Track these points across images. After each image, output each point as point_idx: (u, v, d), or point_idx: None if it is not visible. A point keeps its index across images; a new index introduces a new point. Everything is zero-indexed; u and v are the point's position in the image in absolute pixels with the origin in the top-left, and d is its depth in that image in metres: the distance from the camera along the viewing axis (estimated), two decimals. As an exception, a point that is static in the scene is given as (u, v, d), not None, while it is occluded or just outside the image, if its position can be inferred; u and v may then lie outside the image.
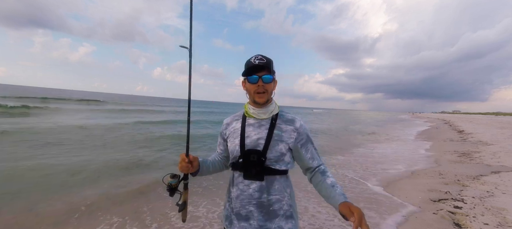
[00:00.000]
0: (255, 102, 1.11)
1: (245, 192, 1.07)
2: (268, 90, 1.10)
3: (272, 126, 1.10)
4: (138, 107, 31.56)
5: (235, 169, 1.13)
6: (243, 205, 1.07)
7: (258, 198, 1.05)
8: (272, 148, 1.06)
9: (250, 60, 1.09)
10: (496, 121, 28.14)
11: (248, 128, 1.12)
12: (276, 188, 1.07)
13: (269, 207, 1.05)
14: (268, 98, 1.11)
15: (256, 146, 1.06)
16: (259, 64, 1.06)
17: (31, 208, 3.10)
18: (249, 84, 1.10)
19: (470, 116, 58.75)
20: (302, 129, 1.13)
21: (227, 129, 1.20)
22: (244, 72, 1.11)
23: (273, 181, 1.07)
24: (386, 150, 8.63)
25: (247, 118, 1.16)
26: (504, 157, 6.59)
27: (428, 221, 2.89)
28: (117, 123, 12.26)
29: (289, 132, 1.10)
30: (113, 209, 3.15)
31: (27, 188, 3.72)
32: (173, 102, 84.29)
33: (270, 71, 1.08)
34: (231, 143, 1.14)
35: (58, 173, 4.37)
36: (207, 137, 10.17)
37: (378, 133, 14.92)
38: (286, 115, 1.16)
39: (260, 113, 1.12)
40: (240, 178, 1.10)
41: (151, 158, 5.90)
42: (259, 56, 1.09)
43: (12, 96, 28.17)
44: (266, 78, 1.07)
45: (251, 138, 1.09)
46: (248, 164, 1.06)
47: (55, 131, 8.67)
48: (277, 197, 1.06)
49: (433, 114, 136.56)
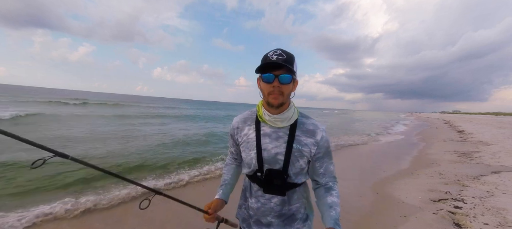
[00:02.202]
0: (269, 105, 0.97)
1: (266, 205, 1.04)
2: (285, 93, 0.93)
3: (291, 139, 0.97)
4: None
5: (253, 181, 1.07)
6: (264, 215, 1.05)
7: (279, 211, 1.03)
8: (292, 164, 0.97)
9: (268, 55, 0.92)
10: (496, 121, 28.14)
11: (264, 139, 1.00)
12: (295, 198, 1.05)
13: (289, 215, 1.05)
14: (284, 101, 0.95)
15: (275, 163, 0.98)
16: (277, 61, 0.88)
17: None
18: (264, 84, 0.94)
19: (470, 116, 58.77)
20: (322, 141, 1.00)
21: (239, 134, 1.08)
22: (258, 68, 0.93)
23: (293, 193, 1.04)
24: (385, 149, 8.62)
25: (262, 125, 1.02)
26: (504, 157, 6.58)
27: (428, 221, 2.89)
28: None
29: (309, 145, 0.99)
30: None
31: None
32: (174, 102, 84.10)
33: (289, 70, 0.91)
34: (246, 155, 1.05)
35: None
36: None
37: (377, 132, 14.93)
38: (306, 124, 1.02)
39: (277, 120, 0.98)
40: (260, 192, 1.05)
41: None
42: (278, 50, 0.92)
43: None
44: (284, 78, 0.91)
45: (268, 152, 0.98)
46: (269, 183, 1.00)
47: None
48: (296, 205, 1.05)
49: (433, 114, 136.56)
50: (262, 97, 1.01)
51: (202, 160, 5.92)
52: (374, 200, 3.62)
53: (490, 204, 3.25)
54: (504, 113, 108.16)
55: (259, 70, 0.94)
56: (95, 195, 3.51)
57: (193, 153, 6.82)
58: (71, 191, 3.68)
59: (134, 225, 2.82)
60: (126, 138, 8.38)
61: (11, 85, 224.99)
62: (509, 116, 64.44)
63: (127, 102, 35.81)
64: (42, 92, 70.29)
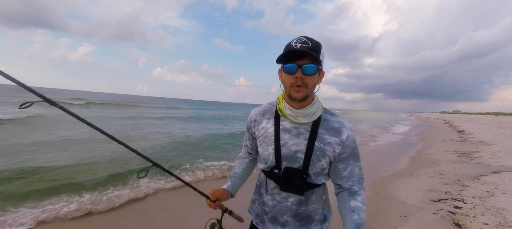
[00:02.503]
0: (291, 98, 0.87)
1: (282, 204, 0.98)
2: (309, 85, 0.84)
3: (313, 136, 0.89)
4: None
5: (269, 177, 1.01)
6: (281, 214, 0.99)
7: (296, 210, 0.97)
8: (313, 164, 0.89)
9: (291, 43, 0.83)
10: (496, 121, 28.14)
11: (284, 135, 0.92)
12: (313, 199, 0.98)
13: (306, 215, 0.99)
14: (308, 94, 0.86)
15: (294, 160, 0.90)
16: (301, 49, 0.79)
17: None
18: (285, 75, 0.85)
19: (470, 116, 58.77)
20: (348, 141, 0.91)
21: (257, 127, 1.01)
22: (279, 58, 0.84)
23: (312, 193, 0.97)
24: (385, 149, 8.62)
25: (282, 119, 0.94)
26: (504, 157, 6.58)
27: (428, 221, 2.89)
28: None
29: (333, 145, 0.90)
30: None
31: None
32: (175, 102, 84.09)
33: (315, 59, 0.81)
34: (263, 149, 0.98)
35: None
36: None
37: (376, 132, 14.92)
38: (331, 121, 0.93)
39: (299, 116, 0.89)
40: (276, 190, 0.98)
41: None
42: (303, 38, 0.82)
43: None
44: (308, 68, 0.81)
45: (287, 149, 0.90)
46: (287, 181, 0.93)
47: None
48: (314, 206, 0.99)
49: (433, 114, 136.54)
50: (283, 90, 0.92)
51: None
52: (374, 200, 3.62)
53: (490, 204, 3.25)
54: (504, 113, 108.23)
55: (281, 59, 0.84)
56: (94, 196, 3.51)
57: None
58: (70, 192, 3.68)
59: (134, 226, 2.82)
60: (146, 139, 8.54)
61: (11, 85, 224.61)
62: (509, 116, 64.45)
63: (129, 102, 35.80)
64: (42, 92, 70.17)
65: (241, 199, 1.29)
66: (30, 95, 0.67)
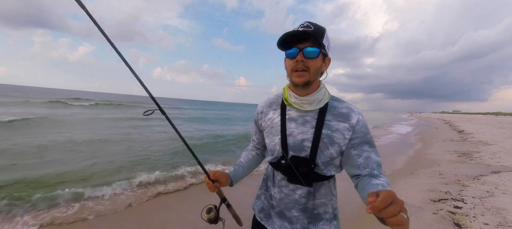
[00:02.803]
0: (294, 84, 0.85)
1: (289, 197, 0.94)
2: (312, 69, 0.81)
3: (320, 124, 0.85)
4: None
5: (276, 169, 0.97)
6: (288, 208, 0.95)
7: (304, 204, 0.93)
8: (321, 152, 0.85)
9: (294, 29, 0.81)
10: (496, 121, 28.14)
11: (290, 124, 0.89)
12: (322, 193, 0.93)
13: (313, 211, 0.94)
14: (310, 79, 0.82)
15: (301, 150, 0.87)
16: (303, 31, 0.77)
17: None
18: (288, 61, 0.84)
19: (470, 116, 58.78)
20: (359, 126, 0.85)
21: (263, 119, 1.00)
22: (279, 42, 0.82)
23: (321, 186, 0.92)
24: (386, 149, 8.62)
25: (287, 108, 0.92)
26: (504, 157, 6.58)
27: (428, 221, 2.89)
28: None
29: (342, 131, 0.85)
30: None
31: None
32: (175, 102, 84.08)
33: (317, 42, 0.78)
34: (269, 140, 0.95)
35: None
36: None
37: (376, 133, 14.92)
38: (339, 107, 0.88)
39: (304, 103, 0.87)
40: (284, 182, 0.95)
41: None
42: (305, 22, 0.80)
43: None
44: (309, 52, 0.78)
45: (294, 138, 0.88)
46: (294, 171, 0.89)
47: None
48: (322, 200, 0.94)
49: (433, 114, 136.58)
50: (288, 79, 0.90)
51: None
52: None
53: (490, 204, 3.25)
54: (504, 113, 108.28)
55: (282, 45, 0.82)
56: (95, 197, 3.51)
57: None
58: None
59: (134, 226, 2.82)
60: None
61: (11, 85, 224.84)
62: (509, 116, 64.46)
63: (131, 103, 35.68)
64: (42, 92, 70.29)
65: (244, 204, 1.27)
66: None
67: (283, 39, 0.80)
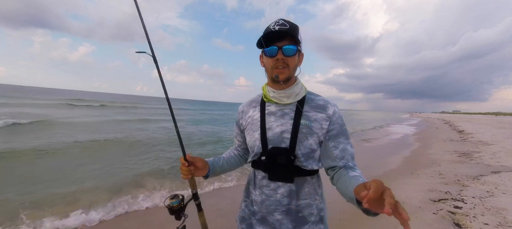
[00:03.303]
0: (274, 81, 0.88)
1: (271, 198, 0.90)
2: (291, 65, 0.85)
3: (299, 115, 0.88)
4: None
5: (257, 168, 0.95)
6: (270, 211, 0.91)
7: (287, 204, 0.89)
8: (300, 143, 0.85)
9: (269, 26, 0.84)
10: (496, 121, 28.13)
11: (269, 118, 0.91)
12: (306, 191, 0.90)
13: (298, 213, 0.90)
14: (290, 75, 0.87)
15: (280, 142, 0.87)
16: (280, 30, 0.81)
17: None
18: (266, 58, 0.87)
19: (470, 116, 58.78)
20: (335, 117, 0.89)
21: (243, 118, 1.01)
22: (259, 41, 0.86)
23: (303, 183, 0.90)
24: (386, 149, 8.62)
25: (267, 104, 0.94)
26: (504, 157, 6.58)
27: (428, 221, 2.89)
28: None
29: (320, 121, 0.87)
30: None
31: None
32: (176, 102, 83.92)
33: (294, 40, 0.83)
34: (250, 137, 0.95)
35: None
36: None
37: (374, 132, 14.92)
38: (316, 100, 0.92)
39: (282, 96, 0.89)
40: (265, 181, 0.92)
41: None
42: (280, 20, 0.84)
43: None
44: (288, 50, 0.83)
45: (273, 131, 0.88)
46: (274, 164, 0.88)
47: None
48: (307, 201, 0.90)
49: (433, 114, 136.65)
50: (266, 76, 0.93)
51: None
52: (374, 200, 3.62)
53: (490, 204, 3.25)
54: (504, 113, 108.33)
55: (261, 43, 0.85)
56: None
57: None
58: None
59: (134, 226, 2.82)
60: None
61: (11, 85, 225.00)
62: (509, 116, 64.46)
63: (134, 103, 35.67)
64: (42, 92, 70.27)
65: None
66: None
67: (265, 38, 0.83)
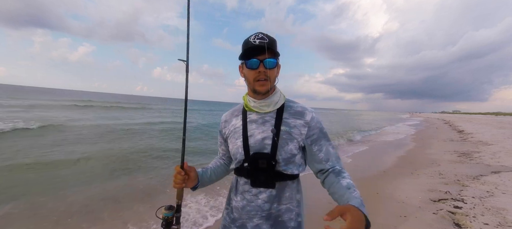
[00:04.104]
0: (255, 92, 0.93)
1: (252, 203, 0.92)
2: (272, 77, 0.90)
3: (279, 121, 0.92)
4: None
5: (239, 175, 0.97)
6: (250, 217, 0.93)
7: (267, 210, 0.91)
8: (281, 148, 0.89)
9: (249, 39, 0.88)
10: (496, 121, 28.14)
11: (251, 126, 0.95)
12: (286, 196, 0.93)
13: (278, 218, 0.92)
14: (271, 86, 0.92)
15: (262, 148, 0.90)
16: (260, 44, 0.85)
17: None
18: (248, 70, 0.90)
19: (470, 116, 58.78)
20: (313, 122, 0.93)
21: (226, 127, 1.04)
22: (241, 55, 0.90)
23: (284, 188, 0.93)
24: (386, 149, 8.62)
25: (248, 113, 0.98)
26: (504, 157, 6.58)
27: (428, 221, 2.89)
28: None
29: (299, 127, 0.92)
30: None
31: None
32: (176, 102, 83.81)
33: (273, 53, 0.88)
34: (232, 145, 0.98)
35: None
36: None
37: (374, 132, 14.92)
38: (294, 107, 0.97)
39: (263, 105, 0.93)
40: (247, 186, 0.94)
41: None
42: (260, 34, 0.88)
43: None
44: (269, 62, 0.87)
45: (255, 138, 0.92)
46: (256, 170, 0.91)
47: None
48: (287, 206, 0.93)
49: (433, 114, 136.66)
50: (247, 87, 0.97)
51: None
52: (374, 200, 3.62)
53: (490, 204, 3.25)
54: (504, 113, 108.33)
55: (243, 56, 0.90)
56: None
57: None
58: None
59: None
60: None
61: (11, 85, 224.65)
62: (509, 116, 64.46)
63: (136, 104, 35.48)
64: (42, 92, 70.24)
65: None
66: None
67: (247, 51, 0.88)
